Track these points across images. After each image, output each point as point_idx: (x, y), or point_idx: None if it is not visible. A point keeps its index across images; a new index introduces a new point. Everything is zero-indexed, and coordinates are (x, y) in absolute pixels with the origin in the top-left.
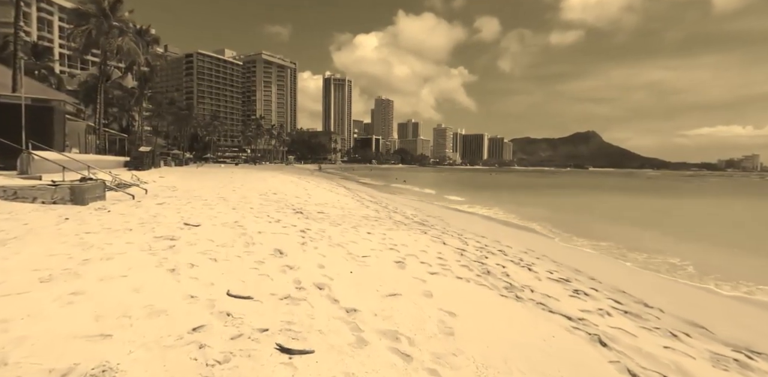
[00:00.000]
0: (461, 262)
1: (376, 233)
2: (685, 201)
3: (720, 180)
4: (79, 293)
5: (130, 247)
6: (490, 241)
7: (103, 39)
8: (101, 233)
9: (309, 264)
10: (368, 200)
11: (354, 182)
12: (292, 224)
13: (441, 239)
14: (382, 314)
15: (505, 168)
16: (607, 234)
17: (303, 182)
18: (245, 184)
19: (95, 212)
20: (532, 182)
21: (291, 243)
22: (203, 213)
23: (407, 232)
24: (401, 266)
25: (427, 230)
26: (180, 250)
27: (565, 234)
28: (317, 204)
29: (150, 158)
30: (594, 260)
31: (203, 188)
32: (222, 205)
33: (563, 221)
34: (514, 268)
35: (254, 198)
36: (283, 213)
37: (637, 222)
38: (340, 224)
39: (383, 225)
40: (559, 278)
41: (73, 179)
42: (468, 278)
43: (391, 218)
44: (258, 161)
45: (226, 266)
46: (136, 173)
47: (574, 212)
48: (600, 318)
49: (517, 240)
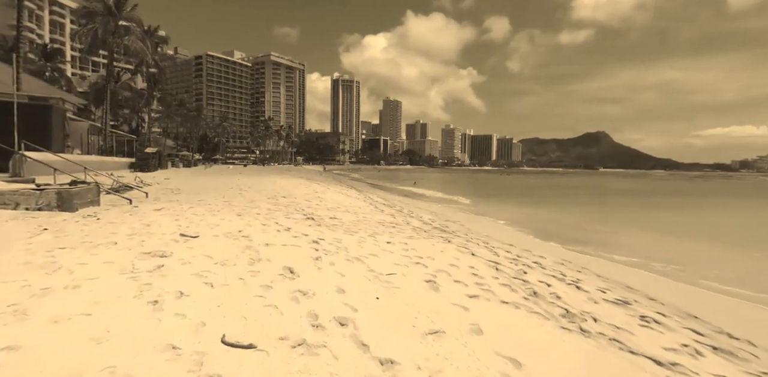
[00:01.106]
0: (500, 280)
1: (397, 243)
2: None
3: (724, 182)
4: (13, 348)
5: (108, 268)
6: (519, 250)
7: (109, 38)
8: (79, 248)
9: (326, 288)
10: (381, 203)
11: (364, 183)
12: (304, 233)
13: (468, 249)
14: (427, 366)
15: (513, 169)
16: (630, 243)
17: (313, 183)
18: (253, 186)
19: (82, 220)
20: (543, 183)
21: (303, 258)
22: (205, 221)
23: (429, 240)
24: (434, 287)
25: (450, 238)
26: (169, 271)
27: (584, 240)
28: (329, 209)
29: (157, 159)
30: (632, 272)
31: (208, 191)
32: (226, 210)
33: (578, 227)
34: (562, 287)
35: (262, 202)
36: (293, 219)
37: (653, 227)
38: (356, 231)
39: (402, 233)
40: (617, 300)
41: (63, 183)
42: (515, 302)
43: (408, 223)
44: (266, 162)
45: (224, 294)
46: (141, 174)
47: (586, 216)
48: (693, 361)
49: (548, 250)
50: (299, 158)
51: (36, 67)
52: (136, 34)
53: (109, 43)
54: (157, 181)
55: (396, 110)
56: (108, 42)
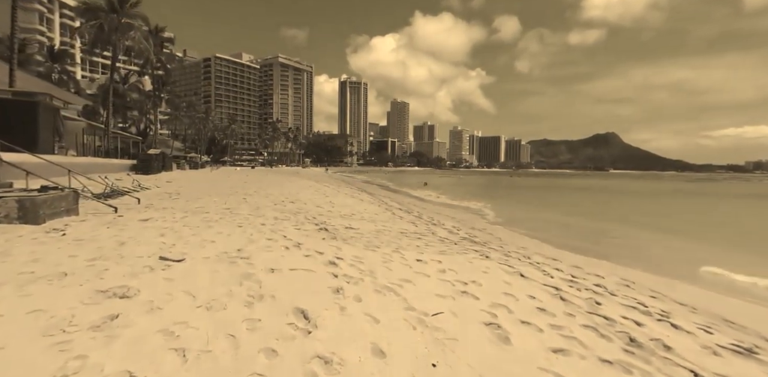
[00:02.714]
0: (576, 318)
1: (429, 261)
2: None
3: (729, 183)
4: None
5: (27, 325)
6: (568, 267)
7: (113, 36)
8: (7, 285)
9: (356, 347)
10: (397, 207)
11: (375, 185)
12: (318, 250)
13: (513, 268)
14: None
15: (522, 171)
16: (680, 253)
17: (322, 186)
18: (259, 190)
19: (42, 237)
20: (554, 184)
21: (320, 291)
22: (198, 235)
23: (464, 256)
24: (500, 335)
25: (486, 252)
26: (124, 328)
27: (618, 249)
28: (343, 216)
29: (160, 161)
30: (710, 296)
31: (210, 196)
32: (226, 220)
33: (604, 233)
34: (656, 326)
35: (268, 209)
36: (304, 231)
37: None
38: (378, 246)
39: (431, 246)
40: (733, 346)
41: (31, 189)
42: (619, 360)
43: (434, 233)
44: (274, 164)
45: (201, 375)
46: (142, 177)
47: (599, 217)
48: None
49: (596, 265)
50: (307, 159)
51: (44, 68)
52: (140, 31)
53: (113, 40)
54: (157, 184)
55: (403, 112)
56: (111, 40)
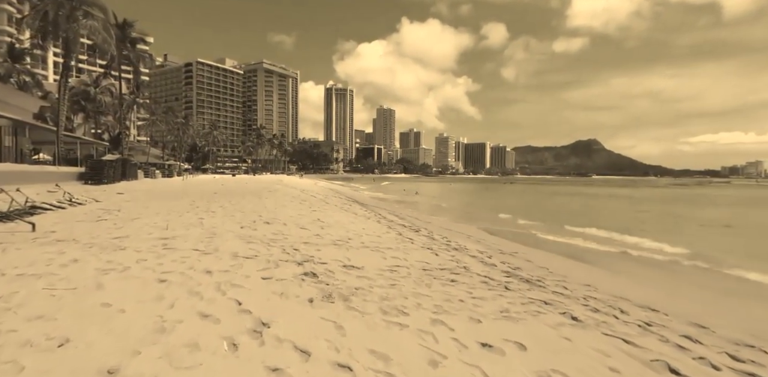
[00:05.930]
0: None
1: (500, 342)
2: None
3: (701, 188)
4: None
5: None
6: (685, 325)
7: (63, 24)
8: None
9: None
10: (399, 223)
11: (364, 193)
12: (298, 342)
13: (631, 343)
14: None
15: (510, 177)
16: None
17: (308, 196)
18: (226, 205)
19: None
20: (556, 191)
21: None
22: (63, 309)
23: (537, 318)
24: None
25: (568, 310)
26: None
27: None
28: (337, 243)
29: (117, 168)
30: None
31: (158, 213)
32: (146, 265)
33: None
34: None
35: (228, 237)
36: (277, 282)
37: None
38: (403, 310)
39: (479, 299)
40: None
41: None
42: None
43: (467, 269)
44: (258, 171)
45: None
46: (91, 188)
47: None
48: None
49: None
50: (292, 167)
51: (3, 69)
52: (98, 21)
53: (64, 28)
54: (102, 197)
55: (390, 119)
56: (61, 28)
